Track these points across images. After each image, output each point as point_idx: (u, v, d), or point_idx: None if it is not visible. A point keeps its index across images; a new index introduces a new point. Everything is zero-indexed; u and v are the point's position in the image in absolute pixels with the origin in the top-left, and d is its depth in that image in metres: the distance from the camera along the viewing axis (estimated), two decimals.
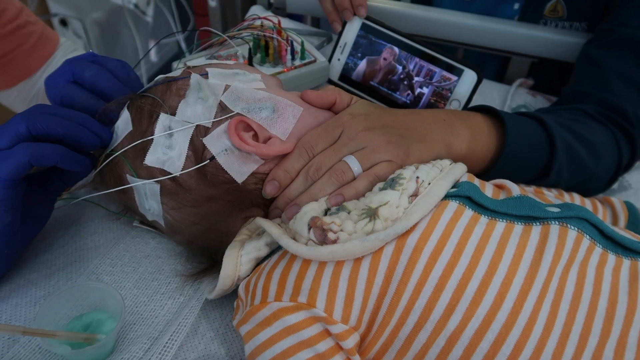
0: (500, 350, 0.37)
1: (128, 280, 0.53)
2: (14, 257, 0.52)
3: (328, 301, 0.41)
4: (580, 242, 0.43)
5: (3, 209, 0.45)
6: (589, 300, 0.39)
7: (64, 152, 0.47)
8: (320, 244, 0.41)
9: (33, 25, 0.80)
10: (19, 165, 0.44)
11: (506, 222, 0.43)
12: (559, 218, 0.44)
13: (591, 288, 0.40)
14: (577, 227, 0.43)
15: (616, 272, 0.42)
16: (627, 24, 0.69)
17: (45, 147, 0.46)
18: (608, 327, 0.38)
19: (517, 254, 0.41)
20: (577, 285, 0.40)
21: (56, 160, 0.46)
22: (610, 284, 0.41)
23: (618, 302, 0.39)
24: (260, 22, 0.82)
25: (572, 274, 0.40)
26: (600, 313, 0.39)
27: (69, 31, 1.73)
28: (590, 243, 0.43)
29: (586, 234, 0.43)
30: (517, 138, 0.55)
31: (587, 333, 0.38)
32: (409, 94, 0.74)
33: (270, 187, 0.48)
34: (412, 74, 0.74)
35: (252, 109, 0.50)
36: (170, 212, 0.50)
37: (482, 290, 0.39)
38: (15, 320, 0.49)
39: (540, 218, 0.44)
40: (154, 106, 0.50)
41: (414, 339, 0.40)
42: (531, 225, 0.44)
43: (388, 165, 0.47)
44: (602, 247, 0.43)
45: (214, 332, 0.50)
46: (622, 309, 0.39)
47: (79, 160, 0.49)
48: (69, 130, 0.48)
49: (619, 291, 0.40)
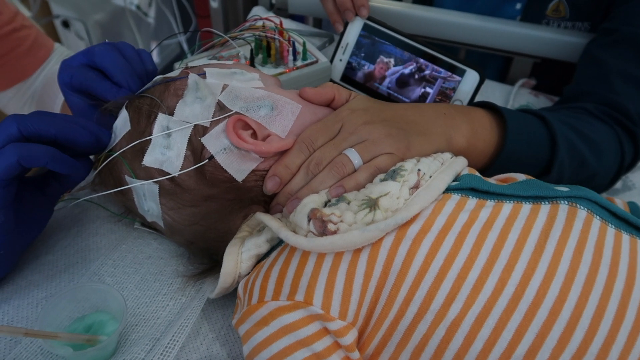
0: (500, 335, 0.37)
1: (130, 281, 0.53)
2: (12, 258, 0.51)
3: (325, 297, 0.40)
4: (590, 222, 0.42)
5: None
6: (603, 282, 0.38)
7: (53, 154, 0.46)
8: (320, 235, 0.41)
9: (28, 29, 0.82)
10: (7, 166, 0.43)
11: (513, 203, 0.43)
12: (569, 197, 0.43)
13: (607, 269, 0.39)
14: (586, 208, 0.43)
15: (633, 253, 0.40)
16: (629, 22, 0.69)
17: (35, 148, 0.45)
18: (622, 311, 0.37)
19: (521, 238, 0.40)
20: (592, 267, 0.39)
21: (45, 161, 0.45)
22: (627, 264, 0.39)
23: (635, 285, 0.38)
24: (262, 22, 0.82)
25: (587, 255, 0.39)
26: (615, 296, 0.37)
27: (71, 33, 1.74)
28: (601, 223, 0.42)
29: (596, 215, 0.42)
30: (518, 134, 0.55)
31: (600, 317, 0.37)
32: (413, 94, 0.74)
33: (271, 183, 0.48)
34: (414, 75, 0.73)
35: (250, 108, 0.50)
36: (169, 213, 0.50)
37: (483, 278, 0.38)
38: (17, 321, 0.49)
39: (549, 197, 0.43)
40: (152, 106, 0.50)
41: (414, 330, 0.40)
42: (539, 204, 0.43)
43: (389, 157, 0.47)
44: (615, 227, 0.42)
45: (216, 333, 0.50)
46: (638, 291, 0.38)
47: (69, 163, 0.48)
48: (61, 129, 0.47)
49: (636, 273, 0.39)
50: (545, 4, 0.86)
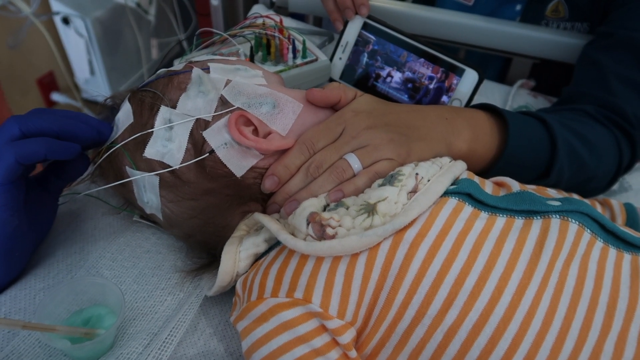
0: (497, 344, 0.37)
1: (128, 275, 0.53)
2: (24, 259, 0.52)
3: (324, 297, 0.41)
4: (581, 236, 0.43)
5: (8, 213, 0.45)
6: (589, 294, 0.39)
7: (48, 143, 0.45)
8: (318, 239, 0.42)
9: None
10: (7, 167, 0.44)
11: (506, 217, 0.44)
12: (560, 212, 0.44)
13: (592, 282, 0.40)
14: (578, 221, 0.43)
15: (617, 267, 0.42)
16: (626, 26, 0.69)
17: (29, 142, 0.45)
18: (609, 322, 0.38)
19: (517, 248, 0.41)
20: (578, 280, 0.40)
21: (43, 152, 0.45)
22: (611, 278, 0.41)
23: (619, 297, 0.39)
24: (262, 20, 0.83)
25: (573, 268, 0.40)
26: (601, 307, 0.39)
27: (71, 30, 1.73)
28: (591, 237, 0.43)
29: (587, 228, 0.43)
30: (518, 138, 0.55)
31: (588, 328, 0.38)
32: (410, 94, 0.74)
33: (270, 182, 0.48)
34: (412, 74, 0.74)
35: (252, 104, 0.50)
36: (168, 205, 0.50)
37: (480, 285, 0.39)
38: (14, 313, 0.49)
39: (540, 212, 0.44)
40: (154, 99, 0.50)
41: (412, 334, 0.40)
42: (532, 219, 0.44)
43: (389, 163, 0.48)
44: (603, 242, 0.43)
45: (214, 328, 0.50)
46: (623, 303, 0.39)
47: (67, 148, 0.47)
48: (62, 125, 0.47)
49: (620, 286, 0.40)
50: (545, 4, 0.86)
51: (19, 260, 0.50)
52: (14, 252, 0.48)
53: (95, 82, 1.89)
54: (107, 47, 1.81)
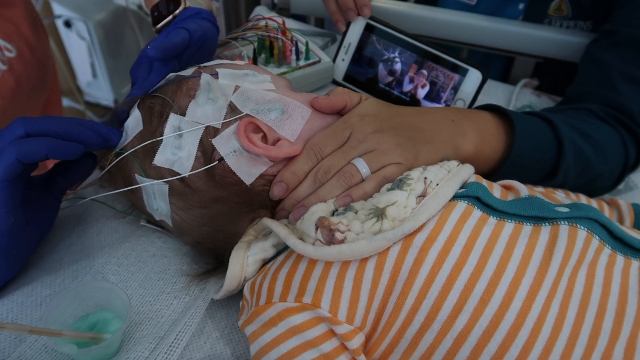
0: (508, 351, 0.37)
1: (134, 279, 0.53)
2: (22, 258, 0.52)
3: (333, 302, 0.41)
4: (589, 242, 0.42)
5: (4, 210, 0.45)
6: (598, 300, 0.39)
7: (50, 142, 0.45)
8: (327, 244, 0.41)
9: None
10: (7, 165, 0.44)
11: (515, 223, 0.43)
12: (569, 218, 0.43)
13: (600, 289, 0.40)
14: (586, 228, 0.43)
15: (625, 273, 0.41)
16: (630, 24, 0.69)
17: (31, 142, 0.45)
18: (618, 328, 0.38)
19: (527, 254, 0.40)
20: (586, 286, 0.40)
21: (45, 152, 0.45)
22: (619, 284, 0.40)
23: (628, 303, 0.39)
24: (265, 22, 0.82)
25: (581, 275, 0.40)
26: (609, 314, 0.39)
27: (73, 33, 1.74)
28: (599, 244, 0.43)
29: (595, 235, 0.43)
30: (525, 139, 0.55)
31: (597, 334, 0.38)
32: (413, 95, 0.74)
33: (278, 188, 0.48)
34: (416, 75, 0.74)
35: (261, 110, 0.49)
36: (178, 213, 0.50)
37: (490, 290, 0.39)
38: (21, 319, 0.49)
39: (549, 218, 0.43)
40: (164, 106, 0.50)
41: (421, 339, 0.40)
42: (540, 225, 0.43)
43: (397, 167, 0.47)
44: (611, 248, 0.43)
45: (220, 332, 0.50)
46: (632, 309, 0.39)
47: (69, 148, 0.47)
48: (67, 129, 0.47)
49: (628, 292, 0.40)
50: (547, 3, 0.86)
51: (17, 259, 0.50)
52: (11, 250, 0.48)
53: (97, 85, 1.89)
54: (109, 50, 1.81)
